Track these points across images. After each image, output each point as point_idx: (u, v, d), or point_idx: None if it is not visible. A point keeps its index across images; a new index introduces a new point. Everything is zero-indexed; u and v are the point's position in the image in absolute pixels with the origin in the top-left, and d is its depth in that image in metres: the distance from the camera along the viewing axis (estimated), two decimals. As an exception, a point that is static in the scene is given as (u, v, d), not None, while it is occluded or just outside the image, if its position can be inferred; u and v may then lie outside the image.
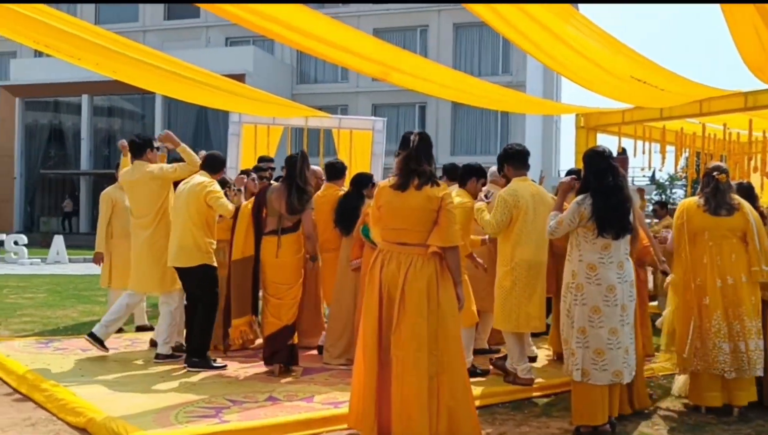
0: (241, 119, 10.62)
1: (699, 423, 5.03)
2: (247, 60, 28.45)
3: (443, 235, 4.19)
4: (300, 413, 4.73)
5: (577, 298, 4.64)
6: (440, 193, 4.23)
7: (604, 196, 4.60)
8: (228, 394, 5.26)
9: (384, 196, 4.31)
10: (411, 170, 4.25)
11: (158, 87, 8.81)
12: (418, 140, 4.31)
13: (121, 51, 6.41)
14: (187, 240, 6.12)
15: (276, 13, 5.46)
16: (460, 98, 9.11)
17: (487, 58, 29.34)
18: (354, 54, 6.57)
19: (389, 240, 4.29)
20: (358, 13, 29.89)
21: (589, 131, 9.95)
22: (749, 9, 4.35)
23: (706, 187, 5.31)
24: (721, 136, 10.41)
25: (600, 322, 4.57)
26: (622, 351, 4.61)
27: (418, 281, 4.15)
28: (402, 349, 4.14)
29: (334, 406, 4.94)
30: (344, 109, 28.74)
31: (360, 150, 11.16)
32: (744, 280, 5.17)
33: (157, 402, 4.99)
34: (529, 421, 4.96)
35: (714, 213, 5.23)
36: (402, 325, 4.15)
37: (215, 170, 6.44)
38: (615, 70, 6.13)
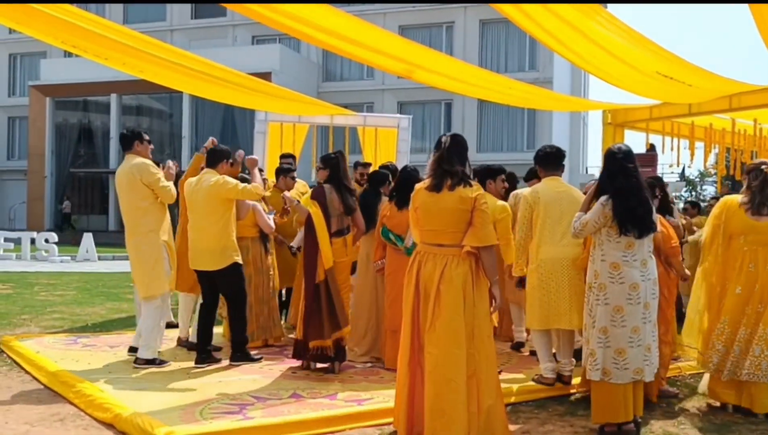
0: (267, 117, 10.68)
1: (725, 422, 4.98)
2: (274, 58, 28.59)
3: (478, 235, 4.24)
4: (323, 410, 4.76)
5: (599, 298, 4.60)
6: (473, 194, 4.27)
7: (623, 198, 4.55)
8: (252, 391, 5.31)
9: (419, 197, 4.38)
10: (443, 171, 4.31)
11: (184, 86, 8.88)
12: (450, 141, 4.39)
13: (148, 50, 6.47)
14: (212, 243, 6.08)
15: (301, 12, 5.48)
16: (486, 96, 9.08)
17: (514, 54, 29.17)
18: (378, 52, 6.57)
19: (427, 241, 4.36)
20: (384, 11, 29.89)
21: (616, 128, 9.86)
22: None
23: (754, 180, 5.15)
24: (751, 132, 10.24)
25: (623, 321, 4.53)
26: (643, 349, 4.57)
27: (454, 280, 4.20)
28: (437, 346, 4.17)
29: (357, 404, 4.97)
30: (370, 106, 28.78)
31: (385, 148, 11.17)
32: None
33: (183, 398, 5.05)
34: (553, 420, 4.94)
35: (757, 210, 5.10)
36: (438, 323, 4.19)
37: (214, 164, 6.29)
38: (641, 66, 6.07)
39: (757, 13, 4.53)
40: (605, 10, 5.46)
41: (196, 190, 6.19)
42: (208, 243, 6.10)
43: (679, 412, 5.25)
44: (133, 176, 6.09)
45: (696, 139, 10.18)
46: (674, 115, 9.27)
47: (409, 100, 29.06)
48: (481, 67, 23.35)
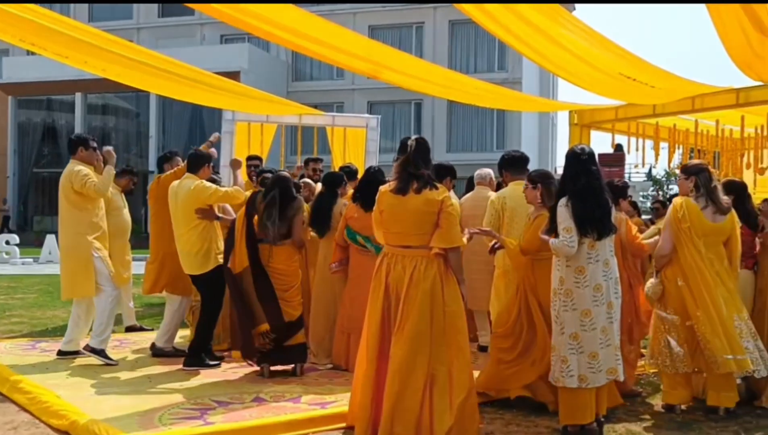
0: (235, 117, 10.58)
1: (687, 420, 5.03)
2: (242, 57, 28.36)
3: (445, 237, 4.30)
4: (285, 414, 4.71)
5: (566, 304, 4.58)
6: (439, 197, 4.32)
7: (581, 198, 4.55)
8: (214, 395, 5.24)
9: (385, 200, 4.41)
10: (409, 174, 4.35)
11: (150, 85, 8.76)
12: (415, 145, 4.42)
13: (111, 49, 6.36)
14: (194, 247, 6.14)
15: (267, 13, 5.43)
16: (453, 96, 9.09)
17: (483, 55, 29.28)
18: (344, 52, 6.53)
19: (393, 244, 4.39)
20: (354, 10, 29.81)
21: (582, 128, 9.94)
22: (735, 8, 4.34)
23: (708, 183, 5.17)
24: (714, 133, 10.40)
25: (592, 324, 4.53)
26: (613, 348, 4.58)
27: (423, 282, 4.25)
28: (402, 348, 4.21)
29: (320, 407, 4.94)
30: (340, 106, 28.69)
31: (354, 148, 11.13)
32: (731, 286, 5.14)
33: (142, 404, 4.96)
34: (518, 420, 4.95)
35: (713, 213, 5.13)
36: (406, 326, 4.23)
37: (195, 169, 6.32)
38: (604, 67, 6.11)
39: (715, 13, 4.58)
40: (570, 13, 5.51)
41: (175, 196, 6.22)
42: (191, 248, 6.15)
43: (641, 410, 5.29)
44: (67, 182, 6.38)
45: (661, 140, 10.30)
46: (639, 115, 9.37)
47: (379, 100, 29.01)
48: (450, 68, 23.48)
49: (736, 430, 4.84)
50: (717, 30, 4.87)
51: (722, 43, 5.12)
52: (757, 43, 5.01)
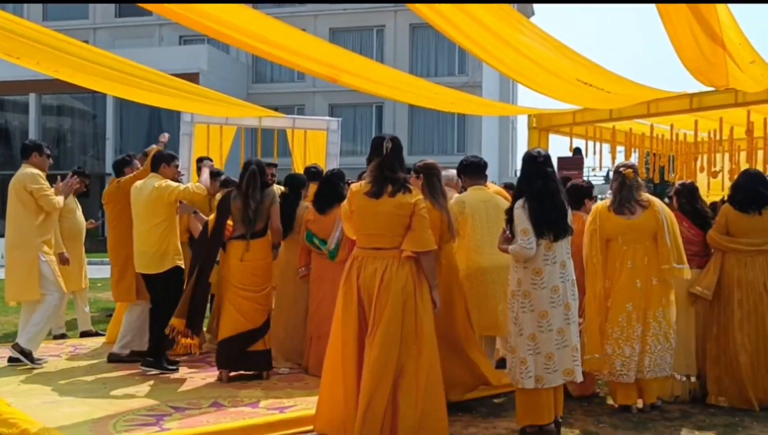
0: (194, 119, 10.46)
1: (642, 420, 5.12)
2: (202, 59, 28.08)
3: (417, 240, 4.24)
4: (244, 419, 4.66)
5: (524, 305, 4.61)
6: (412, 200, 4.27)
7: (537, 201, 4.60)
8: (171, 400, 5.17)
9: (357, 201, 4.34)
10: (385, 178, 4.29)
11: (104, 87, 8.58)
12: (391, 147, 4.34)
13: (65, 50, 6.23)
14: (153, 247, 6.12)
15: (225, 16, 5.37)
16: (412, 100, 9.10)
17: (444, 58, 29.46)
18: (302, 56, 6.50)
19: (364, 245, 4.33)
20: (315, 13, 29.75)
21: (541, 132, 10.03)
22: (684, 12, 4.42)
23: (614, 182, 5.38)
24: (668, 137, 10.59)
25: (549, 326, 4.57)
26: (570, 349, 4.62)
27: (395, 284, 4.19)
28: (374, 351, 4.18)
29: (279, 411, 4.90)
30: (301, 109, 28.59)
31: (315, 150, 11.08)
32: (655, 283, 5.23)
33: (97, 411, 4.87)
34: (477, 422, 4.98)
35: (620, 211, 5.26)
36: (377, 329, 4.19)
37: (157, 167, 6.34)
38: (561, 73, 6.18)
39: (667, 20, 4.66)
40: (528, 19, 5.58)
41: (138, 194, 6.21)
42: (149, 247, 6.12)
43: (599, 410, 5.36)
44: (20, 184, 6.38)
45: (617, 144, 10.45)
46: (596, 120, 9.49)
47: (341, 102, 28.98)
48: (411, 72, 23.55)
49: (690, 429, 4.94)
50: (669, 37, 4.97)
51: (675, 50, 5.22)
52: (708, 50, 5.12)
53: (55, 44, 6.11)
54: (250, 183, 5.90)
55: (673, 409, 5.38)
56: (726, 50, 5.09)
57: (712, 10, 4.44)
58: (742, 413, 5.30)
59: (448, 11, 5.03)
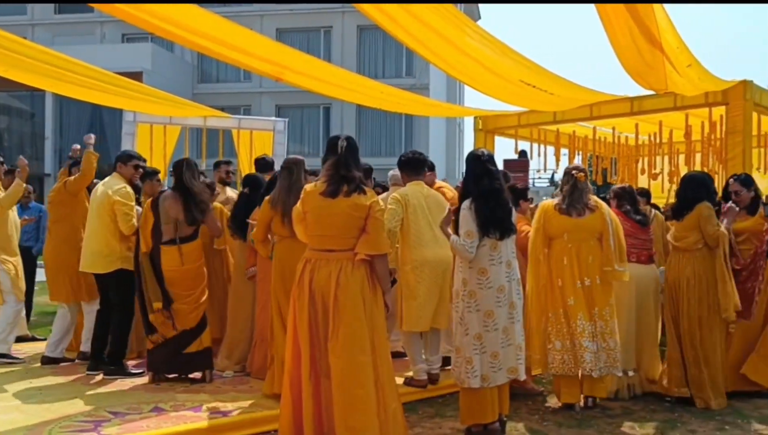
0: (136, 118, 10.25)
1: (585, 417, 5.20)
2: (145, 57, 27.52)
3: (371, 243, 4.15)
4: (185, 423, 4.57)
5: (470, 305, 4.63)
6: (368, 201, 4.18)
7: (484, 200, 4.64)
8: (110, 406, 5.03)
9: (311, 201, 4.22)
10: (341, 177, 4.19)
11: (45, 84, 8.33)
12: (347, 146, 4.26)
13: (2, 45, 6.02)
14: (102, 245, 6.04)
15: (170, 13, 5.27)
16: (360, 100, 9.09)
17: (391, 60, 29.52)
18: (248, 54, 6.43)
19: (316, 247, 4.22)
20: (261, 13, 29.48)
21: (487, 134, 10.16)
22: (624, 15, 4.51)
23: (566, 184, 5.49)
24: (610, 140, 10.83)
25: (495, 325, 4.60)
26: (515, 348, 4.67)
27: (351, 286, 4.09)
28: (341, 357, 4.04)
29: (222, 415, 4.81)
30: (247, 109, 28.26)
31: (261, 151, 10.93)
32: (598, 281, 5.34)
33: (32, 417, 4.72)
34: (423, 422, 4.99)
35: (567, 211, 5.38)
36: (340, 332, 4.06)
37: (117, 166, 6.29)
38: (506, 74, 6.26)
39: (608, 25, 4.75)
40: (474, 22, 5.62)
41: (97, 191, 6.17)
42: (97, 245, 6.04)
43: (543, 409, 5.43)
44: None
45: (561, 146, 10.65)
46: (540, 122, 9.65)
47: (288, 103, 28.78)
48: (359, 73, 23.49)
49: (630, 425, 5.04)
50: (610, 40, 5.07)
51: (615, 53, 5.33)
52: (647, 53, 5.24)
53: (-11, 40, 5.90)
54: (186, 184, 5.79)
55: (615, 406, 5.48)
56: (664, 54, 5.21)
57: (651, 14, 4.54)
58: (681, 409, 5.43)
59: (394, 12, 5.04)
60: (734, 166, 7.44)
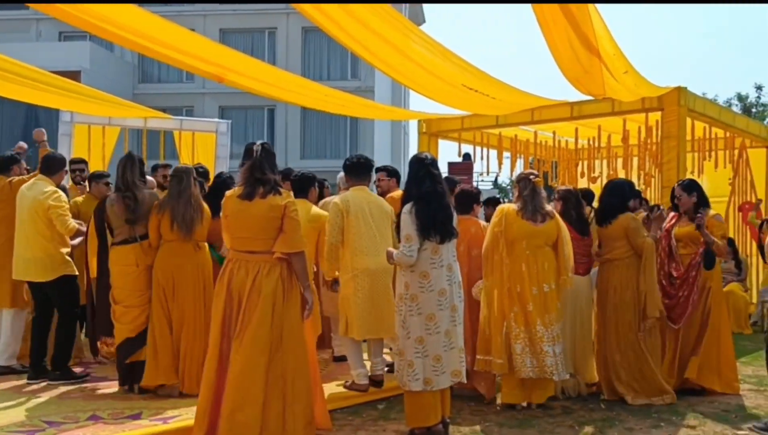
0: (73, 119, 10.00)
1: (527, 417, 5.27)
2: (83, 56, 26.84)
3: (288, 242, 4.29)
4: (124, 432, 4.47)
5: (412, 308, 4.65)
6: (283, 202, 4.32)
7: (425, 203, 4.66)
8: (45, 415, 4.89)
9: (230, 205, 4.36)
10: (256, 179, 4.33)
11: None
12: (261, 150, 4.41)
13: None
14: (39, 252, 5.89)
15: (109, 13, 5.15)
16: (304, 102, 9.06)
17: (336, 63, 29.48)
18: (189, 55, 6.33)
19: (238, 248, 4.35)
20: (204, 13, 29.08)
21: (431, 137, 10.23)
22: (562, 21, 4.60)
23: (524, 190, 5.52)
24: (551, 144, 11.04)
25: (436, 328, 4.63)
26: (457, 350, 4.70)
27: (265, 287, 4.23)
28: (242, 353, 4.16)
29: (162, 422, 4.72)
30: (189, 110, 27.86)
31: (203, 153, 10.83)
32: (552, 288, 5.41)
33: (-39, 428, 4.55)
34: (366, 425, 4.99)
35: (531, 218, 5.43)
36: (246, 331, 4.19)
37: (52, 172, 6.15)
38: (448, 78, 6.31)
39: (546, 30, 4.83)
40: (417, 27, 5.66)
41: (23, 197, 5.99)
42: (35, 252, 5.88)
43: (486, 410, 5.49)
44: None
45: (504, 150, 10.80)
46: (483, 126, 9.77)
47: (231, 104, 28.46)
48: (303, 75, 23.42)
49: (570, 425, 5.13)
50: (549, 46, 5.15)
51: (554, 59, 5.42)
52: (585, 59, 5.35)
53: None
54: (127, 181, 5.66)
55: (555, 406, 5.58)
56: (601, 60, 5.33)
57: (587, 20, 4.63)
58: (619, 408, 5.56)
59: (335, 13, 5.03)
60: (669, 170, 7.68)
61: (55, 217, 5.90)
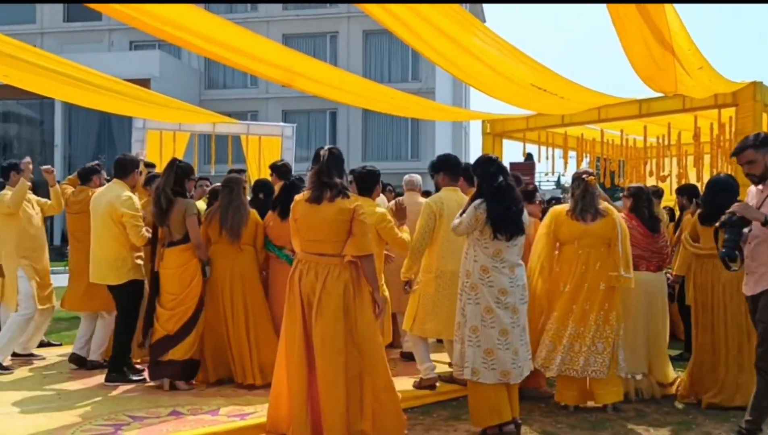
0: (146, 125, 10.35)
1: (599, 420, 5.20)
2: (153, 64, 27.69)
3: (357, 245, 4.37)
4: (204, 427, 4.62)
5: (471, 297, 4.71)
6: (352, 205, 4.39)
7: (497, 199, 4.69)
8: (129, 409, 5.09)
9: (299, 209, 4.46)
10: (323, 183, 4.41)
11: (55, 92, 8.42)
12: (328, 154, 4.49)
13: (12, 54, 6.09)
14: (111, 255, 6.01)
15: (180, 19, 5.33)
16: (367, 105, 9.15)
17: (397, 65, 29.57)
18: (258, 60, 6.48)
19: (308, 251, 4.44)
20: (267, 19, 29.61)
21: (495, 137, 10.18)
22: (636, 18, 4.54)
23: (577, 189, 5.45)
24: (618, 142, 10.84)
25: (492, 322, 4.65)
26: (511, 352, 4.69)
27: (335, 289, 4.31)
28: (321, 355, 4.28)
29: (240, 418, 4.85)
30: (254, 115, 28.39)
31: (269, 157, 11.05)
32: (602, 287, 5.32)
33: (53, 421, 4.76)
34: (437, 425, 5.00)
35: (581, 216, 5.36)
36: (320, 332, 4.29)
37: (126, 174, 6.25)
38: (516, 78, 6.27)
39: (620, 27, 4.77)
40: (483, 23, 5.64)
41: (98, 201, 6.13)
42: (107, 254, 6.02)
43: (556, 411, 5.43)
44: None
45: (569, 149, 10.66)
46: (548, 125, 9.67)
47: (294, 108, 28.88)
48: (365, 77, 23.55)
49: (645, 428, 5.04)
50: (621, 42, 5.08)
51: (626, 56, 5.34)
52: (659, 56, 5.25)
53: (3, 48, 5.98)
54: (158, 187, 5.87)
55: (628, 409, 5.49)
56: (675, 56, 5.23)
57: (662, 16, 4.56)
58: (696, 411, 5.44)
59: (401, 12, 5.05)
60: (743, 168, 7.44)
61: (130, 227, 5.98)
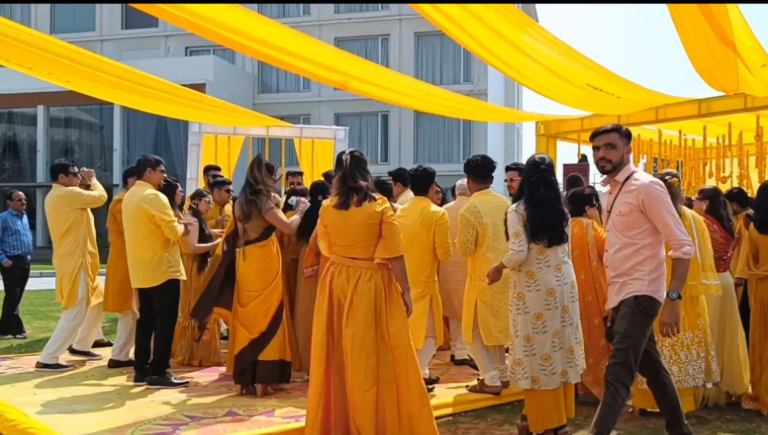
0: (201, 129, 10.51)
1: (658, 426, 5.07)
2: (208, 69, 28.21)
3: (388, 247, 4.38)
4: (260, 428, 4.66)
5: (519, 308, 4.64)
6: (380, 208, 4.39)
7: (538, 207, 4.60)
8: (187, 410, 5.17)
9: (328, 215, 4.47)
10: (348, 188, 4.42)
11: (114, 97, 8.67)
12: (351, 158, 4.49)
13: (75, 60, 6.28)
14: (147, 255, 5.99)
15: (235, 23, 5.42)
16: (420, 106, 9.15)
17: (449, 66, 29.50)
18: (313, 62, 6.54)
19: (339, 254, 4.46)
20: (320, 22, 29.87)
21: (549, 139, 10.07)
22: (697, 15, 4.42)
23: None
24: (677, 143, 10.61)
25: (544, 328, 4.58)
26: (565, 351, 4.62)
27: (367, 292, 4.33)
28: (350, 358, 4.28)
29: (294, 420, 4.88)
30: (306, 118, 28.65)
31: (322, 160, 11.12)
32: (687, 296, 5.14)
33: (113, 420, 4.87)
34: (492, 430, 4.96)
35: None
36: (350, 335, 4.29)
37: (141, 172, 6.20)
38: (571, 78, 6.19)
39: (680, 25, 4.66)
40: (536, 23, 5.57)
41: (128, 204, 6.14)
42: (144, 255, 6.00)
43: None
44: (56, 204, 6.70)
45: (626, 150, 10.45)
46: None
47: (346, 111, 29.05)
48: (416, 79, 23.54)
49: (707, 435, 4.92)
50: (682, 41, 4.96)
51: (687, 55, 5.21)
52: (720, 54, 5.11)
53: (66, 54, 6.16)
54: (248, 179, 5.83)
55: (690, 415, 5.34)
56: (737, 54, 5.08)
57: (724, 13, 4.44)
58: (759, 419, 5.27)
59: (453, 12, 5.02)
60: (810, 169, 7.20)
61: (163, 224, 5.94)
